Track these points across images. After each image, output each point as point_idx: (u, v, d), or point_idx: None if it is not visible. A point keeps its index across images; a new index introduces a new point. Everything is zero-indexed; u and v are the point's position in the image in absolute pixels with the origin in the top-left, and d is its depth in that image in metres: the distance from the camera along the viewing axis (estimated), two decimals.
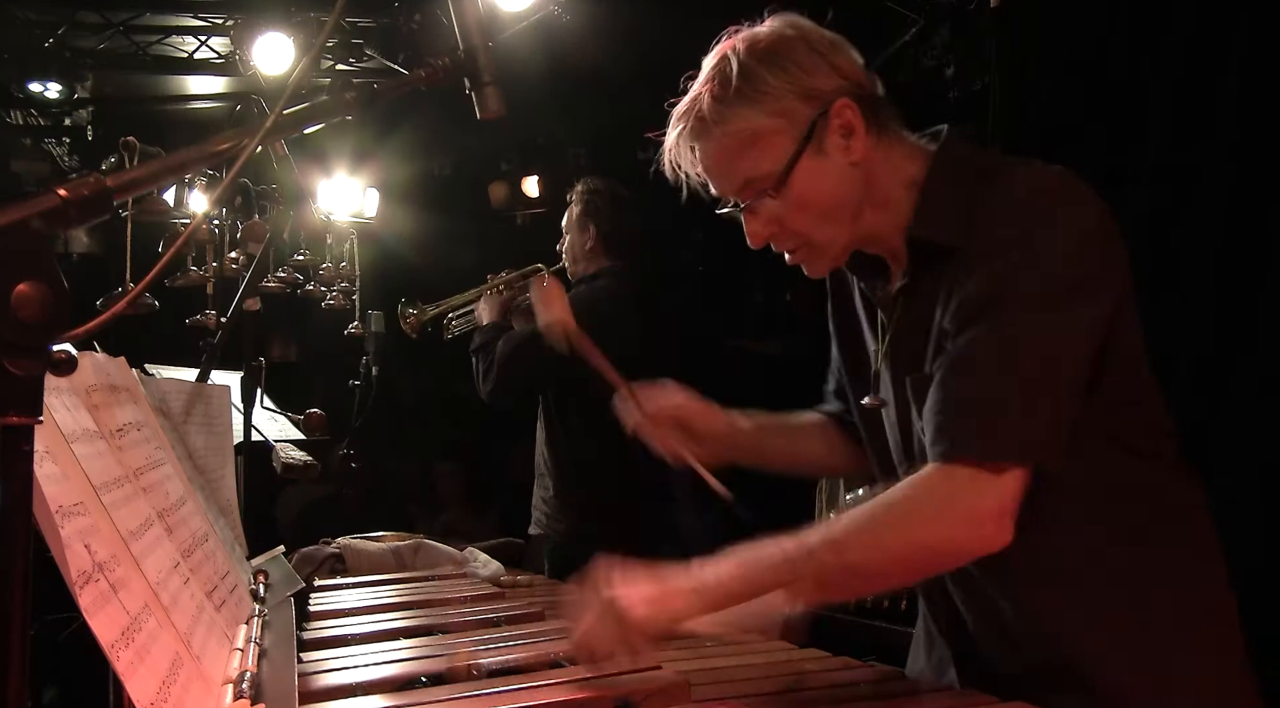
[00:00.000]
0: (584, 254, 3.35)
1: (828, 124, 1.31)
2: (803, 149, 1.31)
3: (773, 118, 1.31)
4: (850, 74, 1.34)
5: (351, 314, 3.55)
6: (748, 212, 1.37)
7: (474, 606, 1.87)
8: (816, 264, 1.41)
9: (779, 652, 1.58)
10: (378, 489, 5.42)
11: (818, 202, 1.34)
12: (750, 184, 1.34)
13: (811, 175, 1.32)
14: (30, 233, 0.72)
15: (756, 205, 1.35)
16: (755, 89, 1.30)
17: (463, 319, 3.67)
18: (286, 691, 1.16)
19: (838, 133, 1.32)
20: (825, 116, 1.31)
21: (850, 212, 1.36)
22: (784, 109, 1.30)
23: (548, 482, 3.31)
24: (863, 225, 1.37)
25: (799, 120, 1.31)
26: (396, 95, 1.08)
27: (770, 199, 1.33)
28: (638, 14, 4.38)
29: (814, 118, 1.31)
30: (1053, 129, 3.27)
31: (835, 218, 1.35)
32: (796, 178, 1.31)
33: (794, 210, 1.34)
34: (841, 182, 1.34)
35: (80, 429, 1.07)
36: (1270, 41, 2.66)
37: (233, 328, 2.37)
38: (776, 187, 1.32)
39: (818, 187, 1.33)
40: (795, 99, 1.30)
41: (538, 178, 6.21)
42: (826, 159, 1.32)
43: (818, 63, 1.32)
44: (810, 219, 1.35)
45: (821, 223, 1.35)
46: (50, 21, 4.95)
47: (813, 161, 1.31)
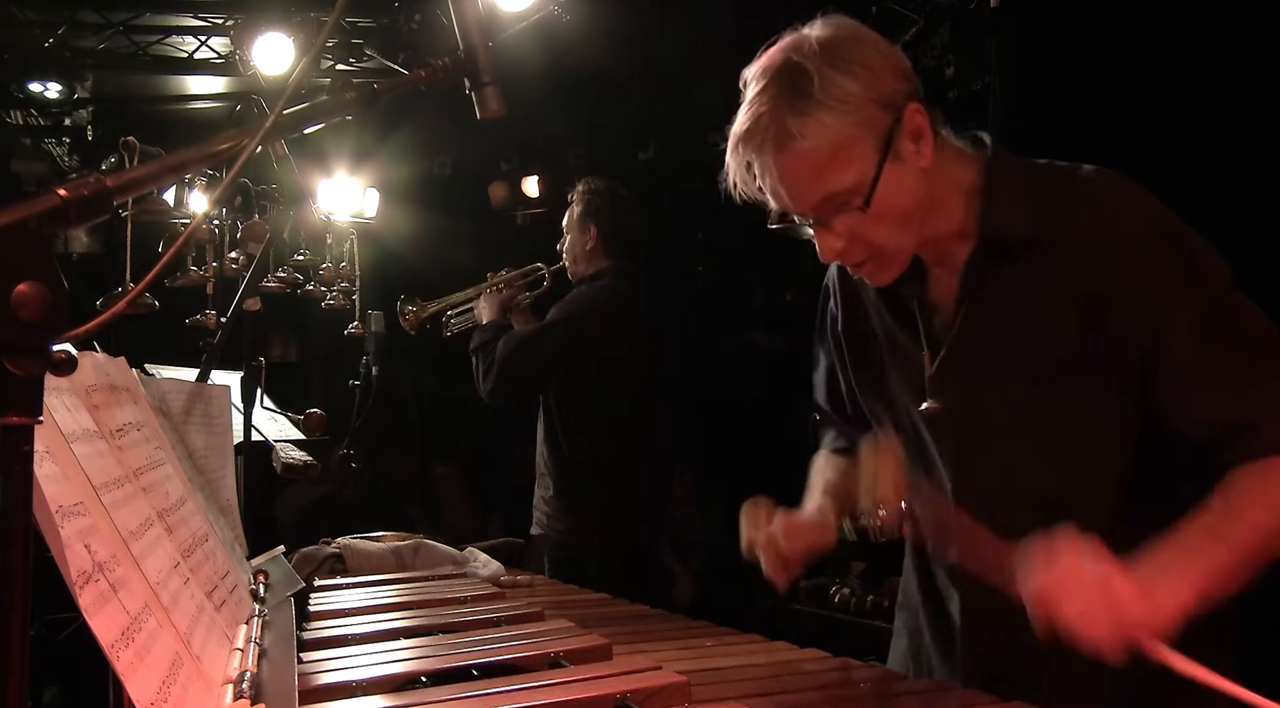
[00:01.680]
0: (584, 254, 3.35)
1: (901, 130, 1.28)
2: (885, 158, 1.27)
3: (855, 127, 1.26)
4: (908, 74, 1.31)
5: (351, 314, 3.55)
6: (820, 225, 1.32)
7: (474, 606, 1.87)
8: (885, 273, 1.38)
9: (779, 652, 1.58)
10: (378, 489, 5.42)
11: (896, 210, 1.30)
12: (832, 197, 1.29)
13: (892, 184, 1.28)
14: (30, 233, 0.72)
15: (832, 219, 1.30)
16: (835, 98, 1.25)
17: (462, 317, 3.67)
18: (286, 691, 1.15)
19: (910, 138, 1.29)
20: (899, 123, 1.28)
21: (920, 217, 1.34)
22: (865, 118, 1.26)
23: (548, 482, 3.31)
24: (930, 231, 1.35)
25: (879, 128, 1.27)
26: (396, 95, 1.07)
27: (850, 211, 1.29)
28: (637, 14, 4.38)
29: (890, 124, 1.27)
30: (1053, 129, 3.27)
31: (908, 226, 1.33)
32: (880, 189, 1.27)
33: (873, 222, 1.30)
34: (915, 187, 1.31)
35: (80, 429, 1.07)
36: (1270, 41, 2.66)
37: (233, 328, 2.37)
38: (866, 200, 1.27)
39: (897, 195, 1.29)
40: (873, 106, 1.26)
41: (538, 178, 6.21)
42: (903, 166, 1.29)
43: (885, 65, 1.29)
44: (887, 229, 1.31)
45: (897, 231, 1.32)
46: (50, 21, 4.95)
47: (892, 170, 1.28)
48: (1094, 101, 3.14)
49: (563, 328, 3.22)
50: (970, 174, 1.36)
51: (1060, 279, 1.30)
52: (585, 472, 3.23)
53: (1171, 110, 2.91)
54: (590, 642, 1.46)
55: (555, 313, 3.28)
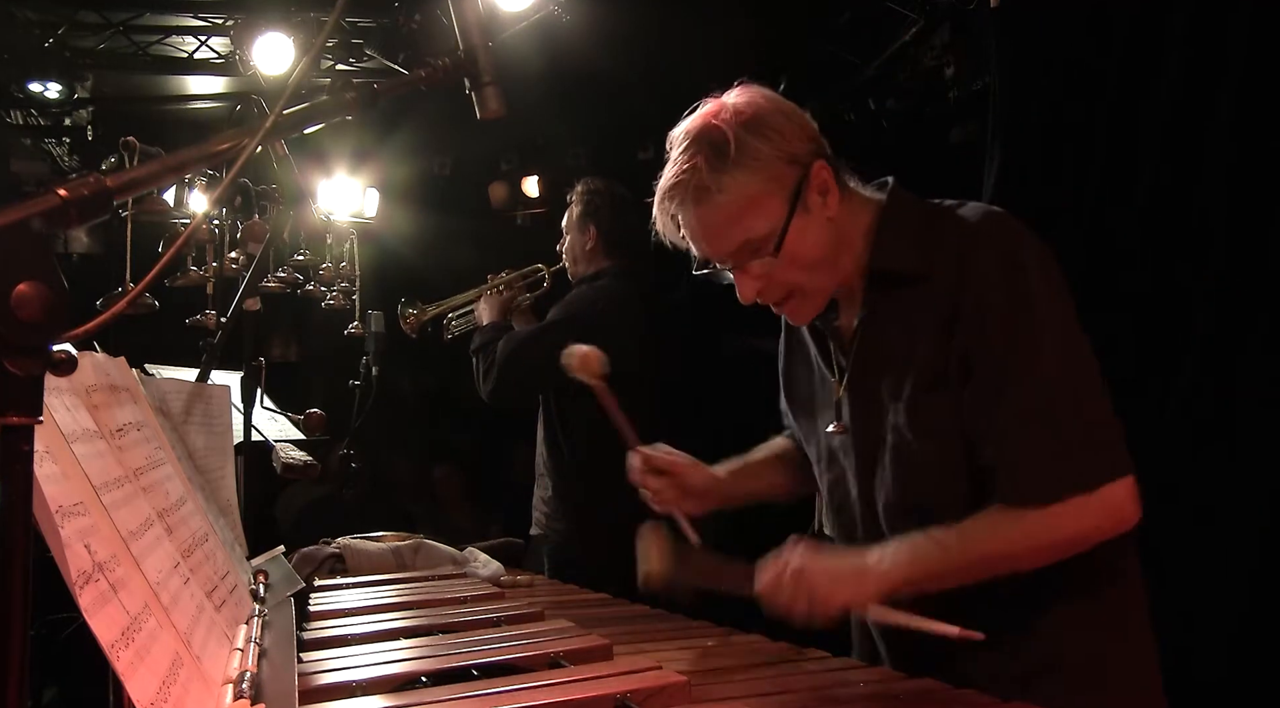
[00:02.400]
0: (584, 254, 3.35)
1: (809, 185, 1.45)
2: (794, 210, 1.44)
3: (766, 182, 1.43)
4: (815, 137, 1.49)
5: (351, 314, 3.55)
6: (737, 270, 1.49)
7: (474, 606, 1.87)
8: (803, 311, 1.55)
9: (779, 652, 1.58)
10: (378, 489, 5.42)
11: (806, 256, 1.47)
12: (747, 245, 1.46)
13: (800, 233, 1.45)
14: (30, 233, 0.72)
15: (747, 264, 1.47)
16: (749, 157, 1.42)
17: (462, 319, 3.67)
18: (286, 691, 1.15)
19: (816, 192, 1.46)
20: (806, 178, 1.45)
21: (831, 261, 1.50)
22: (775, 174, 1.44)
23: (547, 482, 3.31)
24: (841, 272, 1.52)
25: (787, 184, 1.44)
26: (396, 95, 1.08)
27: (763, 257, 1.45)
28: (637, 15, 4.38)
29: (798, 180, 1.44)
30: (1053, 129, 3.26)
31: (820, 268, 1.49)
32: (790, 237, 1.44)
33: (785, 266, 1.46)
34: (822, 235, 1.47)
35: (80, 429, 1.07)
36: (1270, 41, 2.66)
37: (233, 328, 2.37)
38: (776, 248, 1.44)
39: (806, 242, 1.46)
40: (782, 164, 1.44)
41: (538, 178, 6.21)
42: (810, 216, 1.46)
43: (793, 128, 1.46)
44: (800, 272, 1.48)
45: (810, 274, 1.49)
46: (50, 21, 4.94)
47: (800, 220, 1.45)
48: (1094, 102, 3.14)
49: (563, 328, 3.21)
50: (870, 217, 1.52)
51: (930, 304, 1.44)
52: (585, 472, 3.23)
53: (1171, 110, 2.90)
54: (590, 642, 1.46)
55: (555, 313, 3.28)
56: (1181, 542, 2.70)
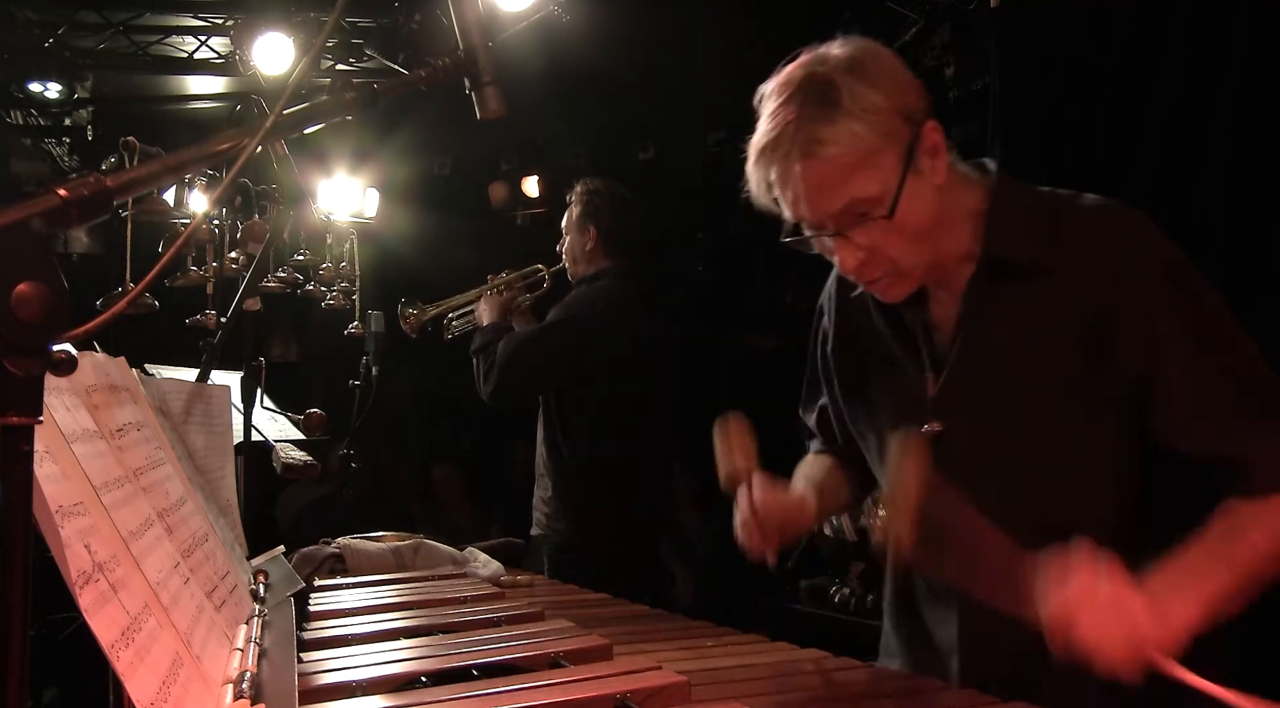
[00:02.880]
0: (584, 255, 3.35)
1: (921, 144, 1.30)
2: (907, 170, 1.28)
3: (881, 137, 1.27)
4: (926, 95, 1.33)
5: (351, 314, 3.55)
6: (840, 237, 1.32)
7: (474, 606, 1.87)
8: (897, 289, 1.38)
9: (779, 652, 1.58)
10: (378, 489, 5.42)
11: (915, 224, 1.31)
12: (854, 206, 1.29)
13: (912, 198, 1.29)
14: (30, 233, 0.72)
15: (852, 229, 1.30)
16: (863, 108, 1.26)
17: (463, 319, 3.67)
18: (286, 691, 1.15)
19: (928, 154, 1.30)
20: (919, 137, 1.29)
21: (935, 235, 1.34)
22: (891, 129, 1.27)
23: (547, 482, 3.31)
24: (940, 250, 1.36)
25: (902, 140, 1.28)
26: (396, 95, 1.07)
27: (871, 222, 1.29)
28: (637, 14, 4.38)
29: (911, 138, 1.29)
30: (1053, 129, 3.26)
31: (924, 241, 1.33)
32: (902, 200, 1.28)
33: (893, 235, 1.30)
34: (931, 203, 1.32)
35: (80, 429, 1.07)
36: (1270, 41, 2.66)
37: (233, 328, 2.36)
38: (890, 210, 1.28)
39: (916, 209, 1.30)
40: (898, 118, 1.28)
41: (538, 178, 6.21)
42: (921, 180, 1.30)
43: (906, 79, 1.31)
44: (905, 242, 1.32)
45: (914, 246, 1.33)
46: (50, 21, 4.94)
47: (912, 183, 1.29)
48: (1094, 102, 3.14)
49: (562, 328, 3.22)
50: (975, 198, 1.38)
51: (1061, 304, 1.31)
52: (585, 472, 3.23)
53: (1171, 110, 2.90)
54: (590, 642, 1.46)
55: (555, 313, 3.28)
56: None
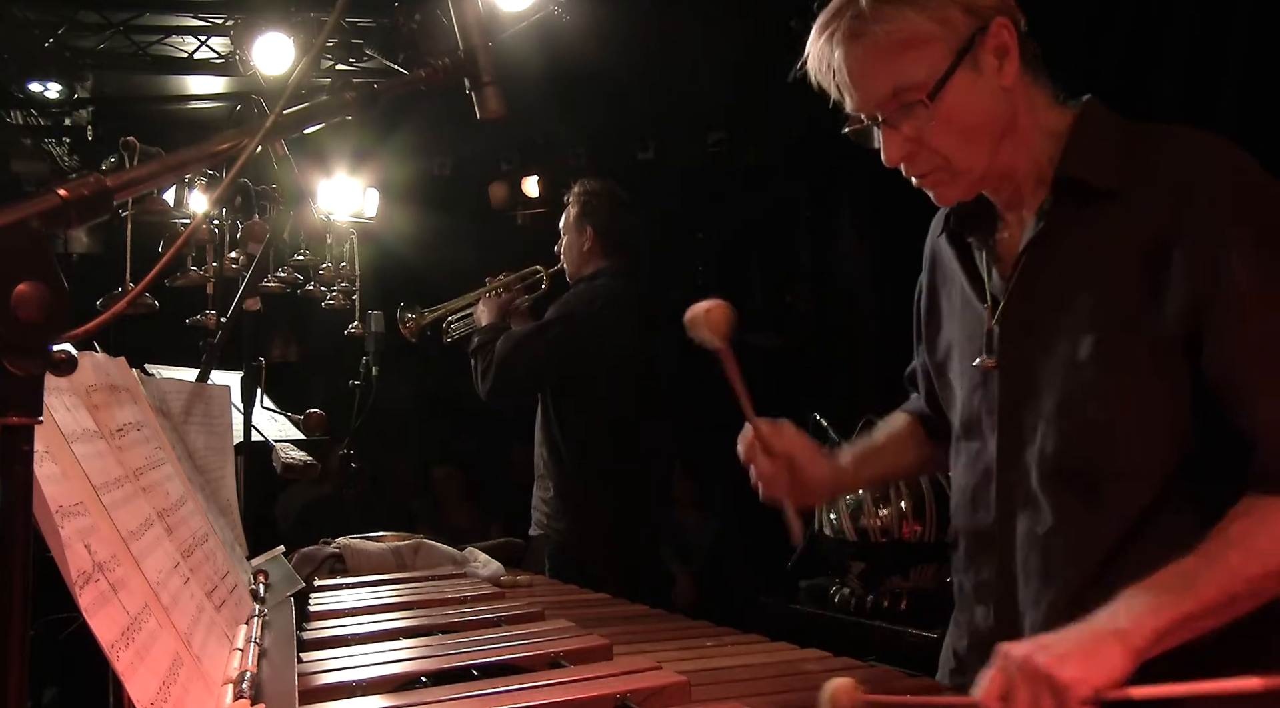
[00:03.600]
0: (581, 255, 3.35)
1: (984, 41, 1.28)
2: (959, 60, 1.27)
3: (933, 23, 1.27)
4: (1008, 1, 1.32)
5: (351, 314, 3.55)
6: (887, 126, 1.31)
7: (474, 606, 1.87)
8: (949, 189, 1.36)
9: (779, 652, 1.58)
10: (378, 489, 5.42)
11: (966, 118, 1.30)
12: (900, 92, 1.28)
13: (964, 90, 1.28)
14: (30, 233, 0.72)
15: (899, 119, 1.30)
16: None
17: (462, 322, 3.67)
18: (286, 691, 1.15)
19: (993, 52, 1.29)
20: (984, 32, 1.28)
21: (993, 138, 1.32)
22: (946, 17, 1.27)
23: (547, 482, 3.31)
24: (1000, 159, 1.34)
25: (959, 30, 1.28)
26: (396, 95, 1.07)
27: (917, 111, 1.28)
28: (637, 14, 4.38)
29: (973, 31, 1.28)
30: None
31: (979, 140, 1.31)
32: (950, 90, 1.27)
33: (940, 125, 1.29)
34: (991, 102, 1.30)
35: (80, 429, 1.07)
36: (1270, 41, 2.66)
37: (233, 328, 2.37)
38: (931, 94, 1.27)
39: (968, 103, 1.29)
40: (957, 8, 1.28)
41: (538, 178, 6.21)
42: (980, 76, 1.29)
43: None
44: (955, 137, 1.30)
45: (965, 143, 1.31)
46: (50, 21, 4.94)
47: (967, 76, 1.28)
48: None
49: (560, 327, 3.22)
50: (1060, 120, 1.35)
51: (1129, 229, 1.25)
52: (584, 472, 3.23)
53: (1171, 110, 2.91)
54: (590, 642, 1.46)
55: (553, 312, 3.28)
56: None
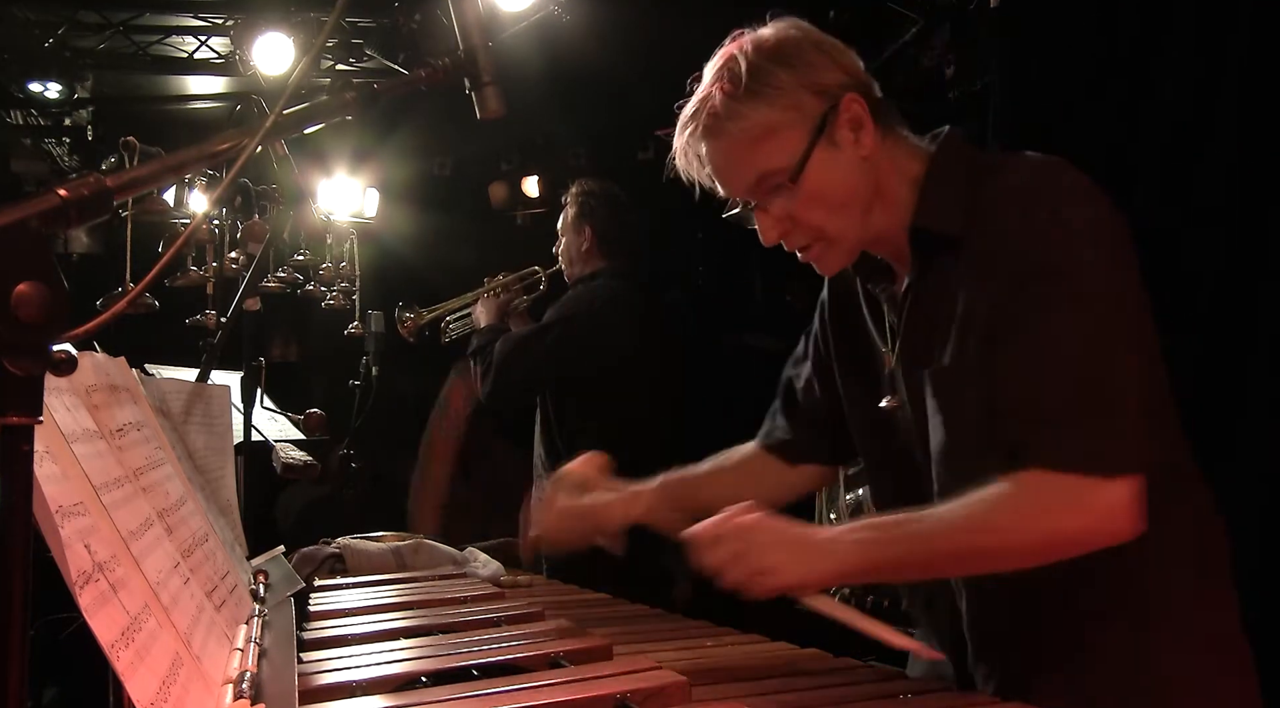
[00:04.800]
0: (580, 256, 3.35)
1: (837, 118, 1.33)
2: (815, 141, 1.33)
3: (785, 112, 1.32)
4: (854, 72, 1.38)
5: (351, 314, 3.55)
6: (759, 209, 1.38)
7: (474, 606, 1.87)
8: (829, 260, 1.42)
9: (779, 652, 1.57)
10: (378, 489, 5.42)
11: (831, 193, 1.35)
12: (764, 179, 1.35)
13: (824, 167, 1.33)
14: (30, 233, 0.72)
15: (769, 202, 1.36)
16: (766, 85, 1.32)
17: (460, 322, 3.67)
18: (286, 691, 1.15)
19: (847, 127, 1.34)
20: (835, 110, 1.33)
21: (861, 206, 1.37)
22: (795, 103, 1.33)
23: (545, 483, 3.31)
24: (873, 223, 1.38)
25: (810, 114, 1.33)
26: (396, 95, 1.07)
27: (784, 193, 1.34)
28: (638, 14, 4.39)
29: (824, 111, 1.33)
30: (1053, 129, 3.27)
31: (847, 211, 1.36)
32: (810, 170, 1.33)
33: (808, 203, 1.35)
34: (852, 174, 1.35)
35: (80, 429, 1.07)
36: (1271, 41, 2.66)
37: (233, 328, 2.37)
38: (793, 177, 1.33)
39: (831, 178, 1.34)
40: (806, 93, 1.33)
41: (538, 178, 6.21)
42: (838, 151, 1.34)
43: (824, 60, 1.36)
44: (824, 212, 1.36)
45: (834, 216, 1.36)
46: (50, 21, 4.95)
47: (825, 154, 1.33)
48: (1094, 102, 3.14)
49: (559, 328, 3.22)
50: (919, 168, 1.39)
51: (972, 269, 1.31)
52: None
53: (1172, 110, 2.91)
54: (590, 642, 1.46)
55: (552, 313, 3.28)
56: None
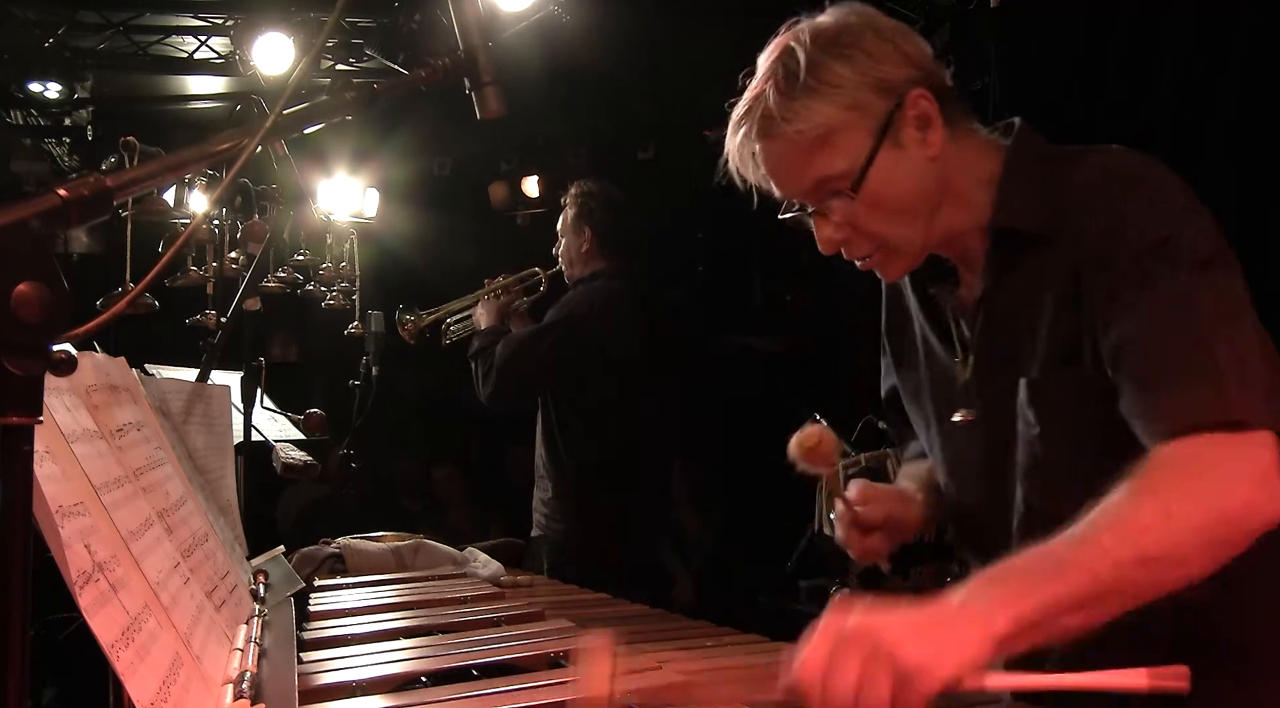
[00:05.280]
0: (580, 256, 3.35)
1: (903, 116, 1.23)
2: (880, 144, 1.22)
3: (846, 112, 1.22)
4: (921, 62, 1.26)
5: (351, 314, 3.55)
6: (818, 215, 1.27)
7: (474, 606, 1.87)
8: (891, 267, 1.33)
9: (779, 652, 1.57)
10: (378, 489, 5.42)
11: (896, 200, 1.25)
12: (824, 184, 1.25)
13: (889, 172, 1.23)
14: (30, 233, 0.72)
15: (829, 207, 1.26)
16: (825, 82, 1.22)
17: (460, 324, 3.67)
18: (286, 691, 1.16)
19: (913, 125, 1.24)
20: (900, 108, 1.23)
21: (928, 210, 1.27)
22: (857, 102, 1.22)
23: (547, 484, 3.31)
24: (939, 225, 1.29)
25: (874, 113, 1.23)
26: (396, 95, 1.07)
27: (845, 199, 1.24)
28: (638, 14, 4.39)
29: (889, 110, 1.23)
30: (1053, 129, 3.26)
31: (912, 217, 1.27)
32: (874, 175, 1.23)
33: (870, 210, 1.25)
34: (920, 178, 1.26)
35: (80, 429, 1.07)
36: (1270, 41, 2.66)
37: (233, 328, 2.37)
38: (855, 186, 1.23)
39: (896, 184, 1.24)
40: (868, 91, 1.23)
41: (538, 178, 6.22)
42: (903, 154, 1.24)
43: (888, 51, 1.24)
44: (887, 219, 1.26)
45: (898, 223, 1.27)
46: (50, 21, 4.95)
47: (890, 157, 1.23)
48: (1094, 102, 3.14)
49: (560, 329, 3.22)
50: (993, 164, 1.30)
51: (1058, 267, 1.23)
52: (584, 473, 3.23)
53: (1171, 110, 2.91)
54: None
55: (552, 314, 3.28)
56: None
